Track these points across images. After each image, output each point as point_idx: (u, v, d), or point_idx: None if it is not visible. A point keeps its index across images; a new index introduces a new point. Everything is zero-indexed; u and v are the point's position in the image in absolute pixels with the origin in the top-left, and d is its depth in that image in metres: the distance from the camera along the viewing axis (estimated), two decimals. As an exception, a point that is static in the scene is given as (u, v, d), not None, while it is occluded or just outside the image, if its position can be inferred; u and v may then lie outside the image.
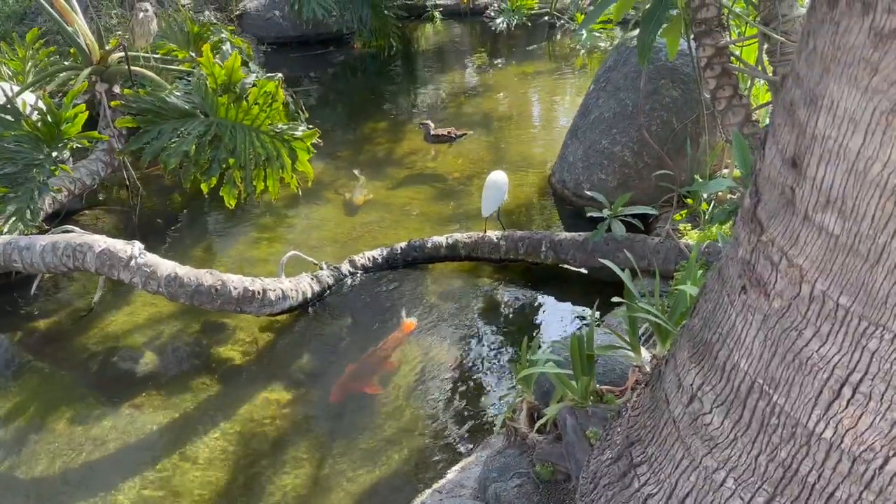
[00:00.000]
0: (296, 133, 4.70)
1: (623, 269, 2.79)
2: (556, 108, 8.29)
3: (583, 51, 9.77)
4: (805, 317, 1.46)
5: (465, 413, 3.75)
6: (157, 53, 6.15)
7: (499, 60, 10.10)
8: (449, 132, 6.78)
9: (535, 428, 2.76)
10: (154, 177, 6.49)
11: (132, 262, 3.91)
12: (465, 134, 6.85)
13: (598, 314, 4.49)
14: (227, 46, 5.54)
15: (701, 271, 2.99)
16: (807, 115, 1.40)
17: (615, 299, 2.72)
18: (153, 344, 4.43)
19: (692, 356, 1.79)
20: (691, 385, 1.76)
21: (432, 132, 6.74)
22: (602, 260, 2.90)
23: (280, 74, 4.91)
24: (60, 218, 5.23)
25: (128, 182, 5.90)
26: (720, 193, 4.76)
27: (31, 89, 5.91)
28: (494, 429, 3.11)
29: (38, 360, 4.38)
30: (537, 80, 9.15)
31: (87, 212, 5.79)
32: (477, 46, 10.90)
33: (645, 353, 2.94)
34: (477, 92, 8.76)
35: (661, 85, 5.23)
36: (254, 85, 4.68)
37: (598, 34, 9.59)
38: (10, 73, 6.42)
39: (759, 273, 1.55)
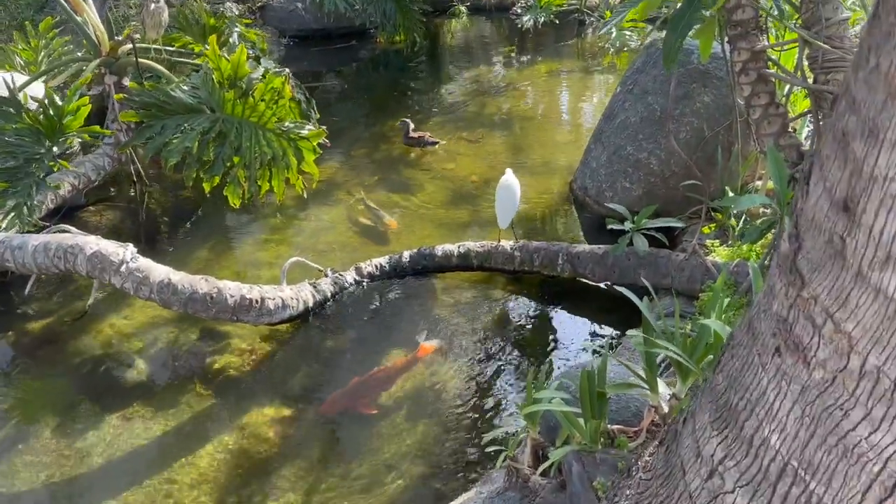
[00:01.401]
0: (302, 132, 4.47)
1: (641, 298, 2.52)
2: (582, 109, 8.00)
3: (612, 49, 9.45)
4: (853, 395, 1.20)
5: (470, 440, 3.51)
6: (173, 46, 5.97)
7: (525, 58, 9.83)
8: (421, 136, 6.55)
9: (539, 470, 2.51)
10: (167, 173, 6.32)
11: (123, 267, 3.72)
12: (438, 142, 6.59)
13: (615, 333, 4.28)
14: (234, 38, 5.31)
15: (728, 299, 2.72)
16: (864, 150, 1.13)
17: (631, 332, 2.45)
18: (148, 350, 4.24)
19: (714, 421, 1.53)
20: (712, 456, 1.50)
21: (410, 133, 6.52)
22: (618, 287, 2.64)
23: (287, 70, 4.68)
24: (61, 214, 5.07)
25: (134, 178, 5.73)
26: (752, 208, 4.46)
27: (42, 80, 5.77)
28: (497, 462, 2.86)
29: (29, 364, 4.22)
30: (564, 80, 8.87)
31: (91, 208, 5.64)
32: (503, 43, 10.62)
33: (663, 389, 2.67)
34: (501, 90, 8.49)
35: (692, 89, 4.93)
36: (261, 80, 4.46)
37: (628, 33, 9.28)
38: (22, 63, 6.29)
39: (798, 335, 1.29)
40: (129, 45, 5.41)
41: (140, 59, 5.47)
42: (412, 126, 6.56)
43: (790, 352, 1.30)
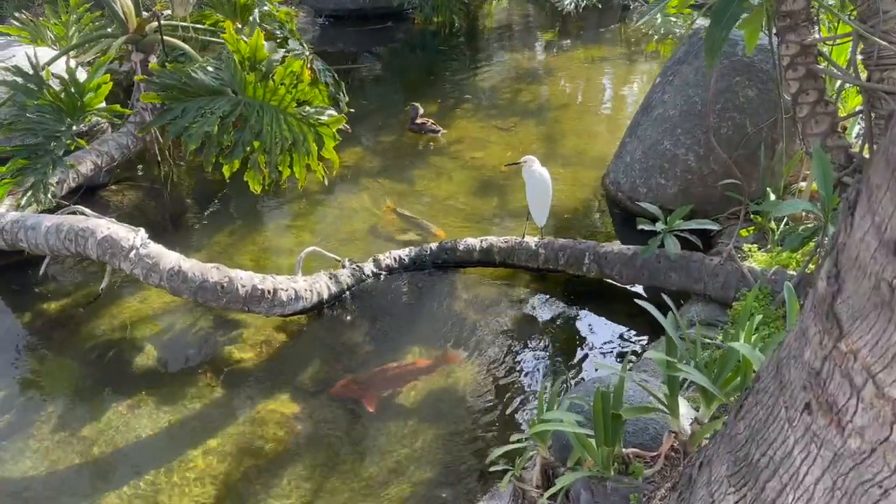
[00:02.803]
0: (321, 118, 4.32)
1: (665, 315, 2.33)
2: (622, 99, 7.73)
3: (656, 36, 9.13)
4: (896, 472, 1.01)
5: (482, 449, 3.35)
6: (203, 24, 5.86)
7: (565, 43, 9.56)
8: (423, 123, 6.39)
9: (547, 494, 2.35)
10: (188, 158, 6.22)
11: (132, 253, 3.62)
12: (441, 130, 6.42)
13: (642, 338, 4.07)
14: (254, 17, 5.16)
15: (759, 317, 2.51)
16: (924, 183, 0.94)
17: (651, 353, 2.26)
18: (161, 337, 4.16)
19: (732, 475, 1.35)
20: (727, 517, 1.32)
21: (417, 119, 6.37)
22: (640, 302, 2.45)
23: (307, 53, 4.53)
24: (80, 193, 4.99)
25: (159, 158, 5.65)
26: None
27: (71, 55, 5.72)
28: (504, 479, 2.70)
29: (42, 346, 4.17)
30: (604, 66, 8.59)
31: (113, 187, 5.57)
32: (543, 27, 10.36)
33: (685, 410, 2.48)
34: (538, 76, 8.25)
35: (735, 82, 4.66)
36: (281, 63, 4.32)
37: (673, 18, 8.96)
38: (53, 38, 6.24)
39: (832, 394, 1.10)
40: (156, 23, 5.31)
41: (167, 38, 5.36)
42: (421, 111, 6.40)
43: (822, 411, 1.12)
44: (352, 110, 5.67)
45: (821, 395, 1.12)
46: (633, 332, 4.09)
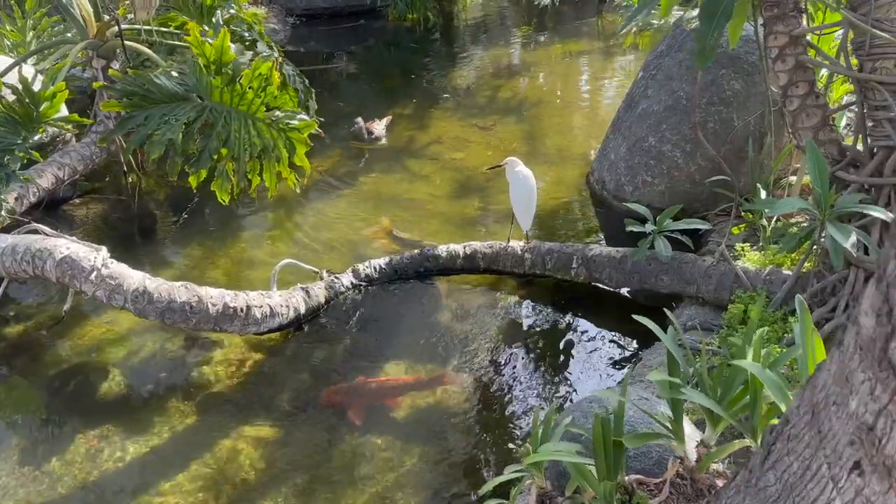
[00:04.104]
0: (292, 122, 4.12)
1: (665, 329, 2.17)
2: (601, 94, 7.57)
3: (634, 29, 8.99)
4: (977, 555, 0.84)
5: (473, 470, 3.18)
6: (169, 27, 5.61)
7: (542, 37, 9.40)
8: (370, 130, 6.22)
9: (544, 529, 2.18)
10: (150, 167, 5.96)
11: (93, 275, 3.40)
12: (378, 132, 6.24)
13: (637, 345, 3.92)
14: (217, 19, 4.94)
15: (766, 329, 2.35)
16: None
17: (653, 377, 2.09)
18: (130, 361, 3.94)
19: (763, 536, 1.18)
20: (760, 586, 1.15)
21: (368, 131, 6.19)
22: (637, 317, 2.29)
23: (276, 55, 4.32)
24: (41, 207, 4.74)
25: (125, 168, 5.41)
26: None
27: (30, 62, 5.47)
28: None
29: (2, 373, 3.93)
30: (583, 61, 8.45)
31: (76, 200, 5.32)
32: (519, 22, 10.19)
33: (689, 431, 2.33)
34: (516, 72, 8.09)
35: (720, 75, 4.52)
36: (249, 66, 4.11)
37: (653, 10, 8.81)
38: (10, 45, 5.98)
39: (890, 455, 0.93)
40: (125, 26, 5.06)
41: (130, 43, 5.12)
42: (361, 123, 6.21)
43: (878, 475, 0.95)
44: (321, 119, 5.45)
45: (875, 456, 0.95)
46: (624, 337, 3.94)
